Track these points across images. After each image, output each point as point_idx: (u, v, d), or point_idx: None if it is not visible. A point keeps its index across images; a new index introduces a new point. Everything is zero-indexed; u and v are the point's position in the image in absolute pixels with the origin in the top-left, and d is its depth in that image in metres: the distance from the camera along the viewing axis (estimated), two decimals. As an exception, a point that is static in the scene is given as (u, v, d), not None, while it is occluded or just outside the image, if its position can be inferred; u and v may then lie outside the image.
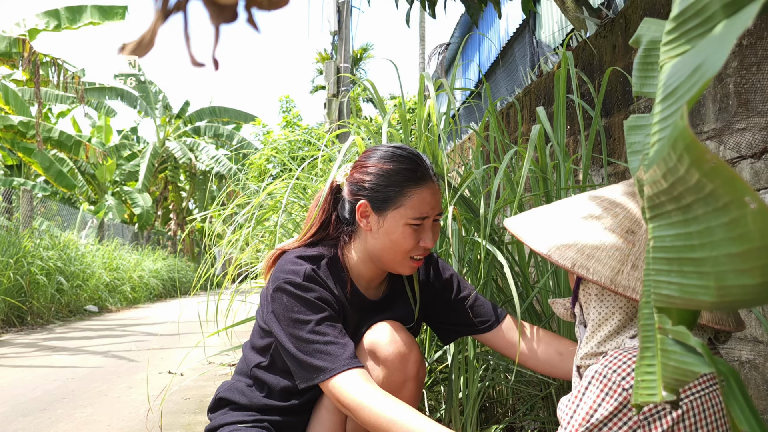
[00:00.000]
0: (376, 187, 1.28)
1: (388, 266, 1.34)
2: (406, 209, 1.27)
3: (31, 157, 11.90)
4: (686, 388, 0.85)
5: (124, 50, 0.44)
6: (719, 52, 0.32)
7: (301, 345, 1.22)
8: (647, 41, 0.65)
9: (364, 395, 1.13)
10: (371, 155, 1.33)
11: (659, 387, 0.48)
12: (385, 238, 1.29)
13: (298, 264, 1.30)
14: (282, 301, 1.26)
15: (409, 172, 1.28)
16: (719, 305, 0.37)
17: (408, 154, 1.31)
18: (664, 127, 0.45)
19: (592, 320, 0.98)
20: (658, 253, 0.45)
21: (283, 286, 1.27)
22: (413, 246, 1.29)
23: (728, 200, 0.30)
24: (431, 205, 1.29)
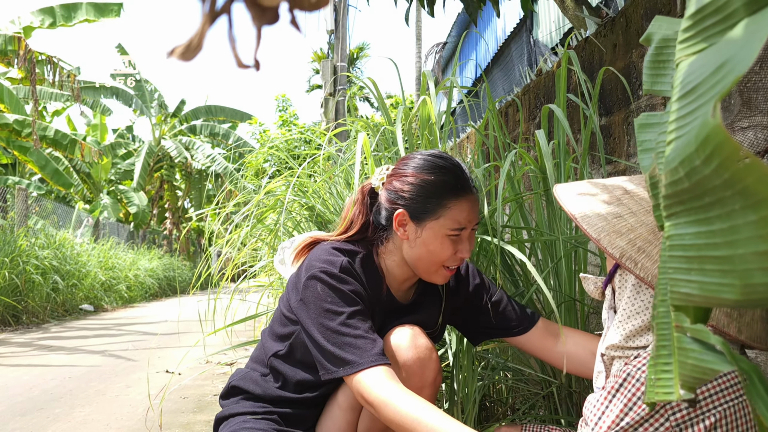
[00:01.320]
0: (416, 198, 1.28)
1: (422, 274, 1.34)
2: (445, 220, 1.27)
3: (26, 155, 11.84)
4: (720, 397, 0.84)
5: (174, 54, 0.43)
6: (748, 48, 0.32)
7: (331, 336, 1.20)
8: (659, 39, 0.65)
9: (390, 393, 1.11)
10: (410, 163, 1.32)
11: (676, 385, 0.48)
12: (423, 248, 1.29)
13: (335, 255, 1.29)
14: (315, 290, 1.24)
15: (450, 184, 1.28)
16: (743, 303, 0.37)
17: (449, 164, 1.30)
18: (683, 124, 0.45)
19: (623, 309, 0.97)
20: (677, 251, 0.45)
21: (319, 274, 1.25)
22: (450, 256, 1.29)
23: (761, 198, 0.30)
24: (469, 217, 1.28)
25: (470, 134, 4.48)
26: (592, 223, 0.95)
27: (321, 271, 1.25)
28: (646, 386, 0.53)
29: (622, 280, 0.99)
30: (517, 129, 3.30)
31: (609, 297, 1.03)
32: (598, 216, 0.95)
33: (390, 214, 1.31)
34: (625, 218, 0.94)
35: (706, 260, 0.40)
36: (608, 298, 1.03)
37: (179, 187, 19.99)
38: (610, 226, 0.93)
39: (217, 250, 3.02)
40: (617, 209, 0.96)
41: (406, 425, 1.07)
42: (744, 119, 1.31)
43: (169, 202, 19.51)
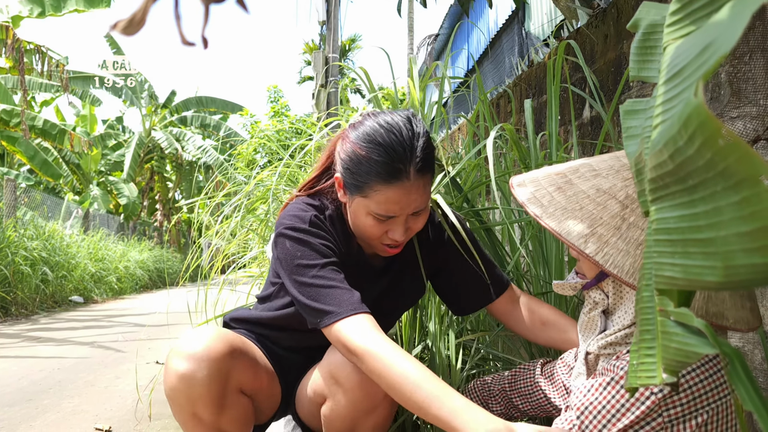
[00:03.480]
0: (347, 169, 1.18)
1: (363, 242, 1.29)
2: (370, 202, 1.16)
3: (14, 146, 11.73)
4: (714, 394, 0.84)
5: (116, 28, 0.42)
6: (732, 28, 0.32)
7: (305, 290, 1.14)
8: (646, 25, 0.65)
9: (374, 343, 1.02)
10: (358, 126, 1.20)
11: (659, 369, 0.48)
12: (354, 218, 1.23)
13: (303, 210, 1.24)
14: (285, 247, 1.19)
15: (380, 166, 1.13)
16: (726, 285, 0.37)
17: (390, 141, 1.13)
18: (669, 108, 0.45)
19: (632, 315, 0.94)
20: (661, 234, 0.45)
21: (286, 231, 1.20)
22: (379, 235, 1.21)
23: (741, 178, 0.30)
24: (400, 206, 1.15)
25: (462, 125, 4.48)
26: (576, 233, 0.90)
27: (287, 228, 1.20)
28: (627, 371, 0.53)
29: (618, 286, 0.96)
30: (508, 120, 3.30)
31: (599, 300, 1.00)
32: (579, 221, 0.91)
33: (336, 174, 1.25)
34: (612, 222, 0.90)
35: (689, 243, 0.40)
36: (597, 301, 1.00)
37: (170, 179, 19.88)
38: (599, 232, 0.89)
39: (207, 241, 3.01)
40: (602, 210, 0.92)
41: (391, 379, 0.98)
42: (733, 109, 1.32)
43: (159, 194, 19.41)
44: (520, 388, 1.31)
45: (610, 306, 0.99)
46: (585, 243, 0.87)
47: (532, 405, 1.29)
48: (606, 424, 0.85)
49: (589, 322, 1.03)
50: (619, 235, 0.87)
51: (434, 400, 0.93)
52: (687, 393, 0.83)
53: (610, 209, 0.89)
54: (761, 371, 1.32)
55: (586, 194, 0.92)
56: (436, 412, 0.92)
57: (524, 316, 1.38)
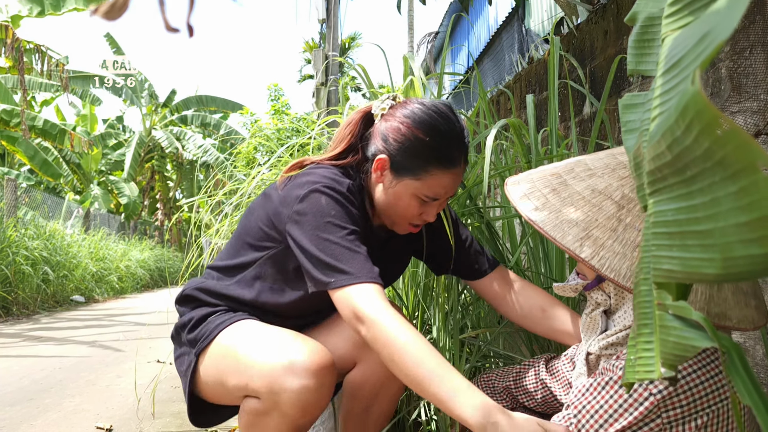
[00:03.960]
0: (402, 151, 1.20)
1: (386, 220, 1.30)
2: (422, 184, 1.20)
3: (15, 145, 11.73)
4: (714, 396, 0.83)
5: (97, 12, 0.42)
6: (730, 16, 0.31)
7: (328, 246, 1.11)
8: (644, 18, 0.65)
9: (384, 312, 1.02)
10: (412, 110, 1.22)
11: (657, 363, 0.48)
12: (393, 198, 1.23)
13: (339, 176, 1.22)
14: (319, 202, 1.15)
15: (441, 151, 1.19)
16: (724, 277, 0.36)
17: (450, 129, 1.21)
18: (666, 99, 0.44)
19: (627, 313, 0.93)
20: (659, 227, 0.44)
21: (324, 189, 1.16)
22: (415, 216, 1.24)
23: (739, 167, 0.30)
24: (447, 189, 1.23)
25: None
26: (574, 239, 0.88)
27: (327, 187, 1.17)
28: (624, 367, 0.53)
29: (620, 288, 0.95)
30: (508, 117, 3.29)
31: (601, 301, 0.98)
32: (578, 226, 0.90)
33: (375, 153, 1.25)
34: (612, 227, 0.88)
35: (687, 235, 0.39)
36: (599, 302, 0.99)
37: (170, 178, 19.88)
38: (599, 238, 0.88)
39: (207, 240, 3.00)
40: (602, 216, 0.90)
41: (394, 351, 0.97)
42: (734, 104, 1.31)
43: (160, 193, 19.41)
44: (525, 386, 1.29)
45: (612, 306, 0.98)
46: (580, 247, 0.86)
47: (538, 402, 1.28)
48: (603, 424, 0.84)
49: (590, 322, 1.02)
50: (615, 237, 0.86)
51: (434, 378, 0.93)
52: (687, 395, 0.82)
53: (606, 210, 0.88)
54: (762, 367, 1.32)
55: (581, 195, 0.91)
56: (435, 390, 0.92)
57: (520, 301, 1.38)
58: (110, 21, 0.44)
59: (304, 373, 1.07)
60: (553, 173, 0.97)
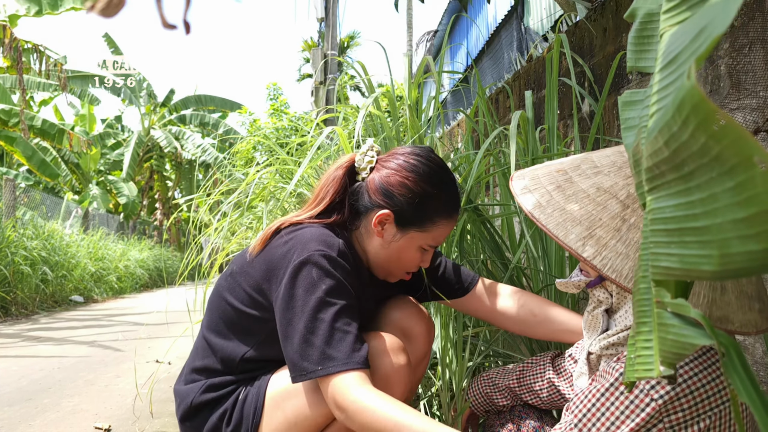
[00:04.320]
0: (410, 205, 1.20)
1: (380, 271, 1.29)
2: (427, 235, 1.22)
3: (13, 145, 11.71)
4: (716, 398, 0.82)
5: (93, 9, 0.42)
6: (725, 11, 0.31)
7: (319, 329, 1.06)
8: (643, 14, 0.64)
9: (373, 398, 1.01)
10: (410, 163, 1.22)
11: (656, 362, 0.48)
12: (395, 252, 1.24)
13: (329, 236, 1.17)
14: (310, 276, 1.10)
15: (447, 204, 1.23)
16: (721, 274, 0.36)
17: (451, 179, 1.25)
18: (664, 95, 0.44)
19: (628, 312, 0.92)
20: (658, 225, 0.44)
21: (317, 258, 1.11)
22: (414, 265, 1.27)
23: (735, 162, 0.29)
24: (447, 235, 1.26)
25: (461, 121, 4.47)
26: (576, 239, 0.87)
27: (319, 253, 1.12)
28: (625, 365, 0.52)
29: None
30: (507, 115, 3.29)
31: (603, 300, 0.97)
32: (579, 224, 0.88)
33: (373, 207, 1.22)
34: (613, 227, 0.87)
35: (686, 232, 0.39)
36: (601, 300, 0.98)
37: (169, 178, 19.87)
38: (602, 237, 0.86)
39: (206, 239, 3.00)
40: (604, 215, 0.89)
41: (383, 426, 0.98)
42: (733, 101, 1.31)
43: (159, 193, 19.40)
44: (530, 385, 1.29)
45: (613, 305, 0.97)
46: (583, 246, 0.85)
47: (543, 400, 1.28)
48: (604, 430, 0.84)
49: (592, 321, 1.01)
50: (618, 237, 0.85)
51: None
52: (689, 398, 0.81)
53: (611, 209, 0.87)
54: (762, 365, 1.32)
55: (586, 193, 0.90)
56: None
57: (510, 310, 1.38)
58: (107, 18, 0.43)
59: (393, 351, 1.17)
60: (559, 169, 0.96)
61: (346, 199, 1.26)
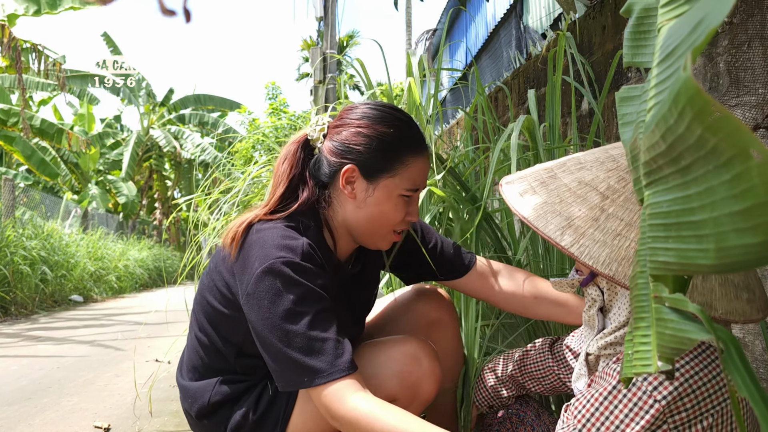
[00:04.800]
0: (371, 151, 1.14)
1: (367, 238, 1.21)
2: (401, 179, 1.15)
3: (12, 145, 11.71)
4: (718, 396, 0.82)
5: None
6: (722, 2, 0.31)
7: (294, 340, 1.02)
8: (640, 9, 0.64)
9: (369, 405, 0.99)
10: (363, 114, 1.17)
11: (654, 357, 0.48)
12: (374, 208, 1.16)
13: (292, 237, 1.10)
14: (275, 286, 1.04)
15: (410, 139, 1.17)
16: (719, 268, 0.36)
17: (407, 117, 1.19)
18: (661, 90, 0.44)
19: (627, 311, 0.92)
20: (655, 219, 0.44)
21: (279, 267, 1.05)
22: (401, 219, 1.18)
23: (731, 155, 0.29)
24: (423, 177, 1.19)
25: (460, 119, 4.47)
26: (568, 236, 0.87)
27: (282, 262, 1.05)
28: (623, 362, 0.52)
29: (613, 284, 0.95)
30: (506, 114, 3.29)
31: (596, 297, 0.98)
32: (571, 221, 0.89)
33: (335, 169, 1.16)
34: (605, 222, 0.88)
35: (683, 226, 0.39)
36: (593, 298, 0.98)
37: (168, 177, 19.86)
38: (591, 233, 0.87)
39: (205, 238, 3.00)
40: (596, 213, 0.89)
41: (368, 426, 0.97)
42: (732, 98, 1.31)
43: (158, 192, 19.40)
44: (531, 372, 1.30)
45: (605, 303, 0.97)
46: (561, 235, 0.86)
47: (545, 387, 1.29)
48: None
49: (589, 321, 1.01)
50: (596, 226, 0.86)
51: None
52: (691, 397, 0.81)
53: (590, 201, 0.88)
54: (762, 362, 1.32)
55: (568, 187, 0.92)
56: None
57: (510, 287, 1.36)
58: (104, 5, 0.43)
59: (427, 357, 1.16)
60: (546, 168, 0.98)
61: (308, 176, 1.19)
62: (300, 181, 1.19)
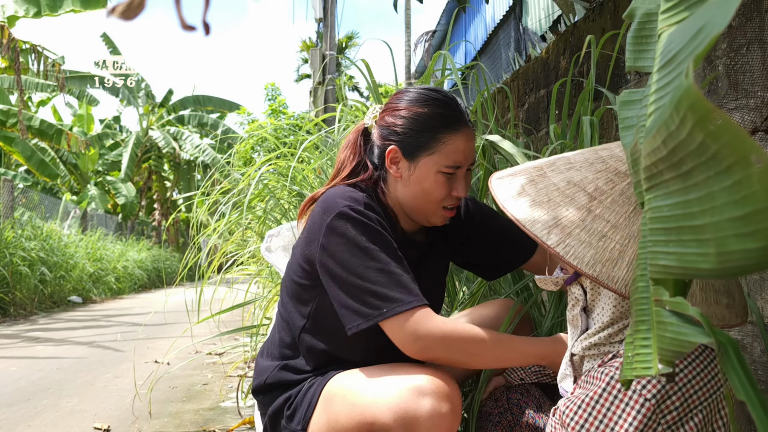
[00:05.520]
0: (409, 132, 1.21)
1: (420, 216, 1.26)
2: (440, 156, 1.19)
3: (11, 146, 11.70)
4: (704, 391, 0.83)
5: (114, 12, 0.42)
6: (724, 10, 0.31)
7: (370, 274, 1.09)
8: (642, 14, 0.65)
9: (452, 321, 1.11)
10: (403, 97, 1.25)
11: (655, 360, 0.48)
12: (417, 185, 1.22)
13: (353, 191, 1.20)
14: (346, 229, 1.13)
15: (444, 117, 1.20)
16: (719, 272, 0.36)
17: (443, 97, 1.23)
18: (662, 95, 0.44)
19: (611, 312, 0.92)
20: (656, 223, 0.44)
21: (346, 211, 1.14)
22: (446, 195, 1.22)
23: (733, 161, 0.29)
24: (465, 154, 1.21)
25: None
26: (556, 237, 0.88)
27: (347, 207, 1.15)
28: (622, 365, 0.52)
29: (596, 284, 0.96)
30: (507, 115, 3.29)
31: (579, 297, 0.98)
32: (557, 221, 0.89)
33: (382, 151, 1.25)
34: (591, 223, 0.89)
35: (683, 230, 0.39)
36: (576, 297, 0.99)
37: (167, 178, 19.85)
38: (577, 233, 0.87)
39: (204, 240, 3.00)
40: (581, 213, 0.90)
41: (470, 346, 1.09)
42: (731, 101, 1.32)
43: (157, 193, 19.38)
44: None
45: (588, 303, 0.98)
46: (548, 234, 0.87)
47: (527, 373, 1.31)
48: None
49: (573, 320, 1.02)
50: (583, 226, 0.87)
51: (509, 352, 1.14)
52: (678, 395, 0.82)
53: (577, 201, 0.90)
54: (760, 364, 1.32)
55: (557, 186, 0.93)
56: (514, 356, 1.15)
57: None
58: (127, 20, 0.44)
59: (435, 395, 1.04)
60: (536, 166, 0.99)
61: (367, 161, 1.29)
62: (361, 166, 1.29)
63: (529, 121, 2.92)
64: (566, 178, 0.93)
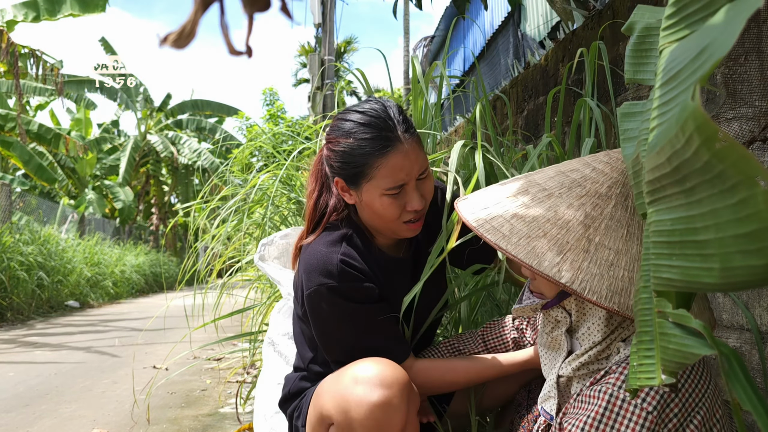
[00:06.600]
0: (342, 164, 1.21)
1: (387, 233, 1.26)
2: (378, 180, 1.17)
3: (9, 150, 11.69)
4: (698, 393, 0.84)
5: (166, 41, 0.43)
6: (728, 32, 0.32)
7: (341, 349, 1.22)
8: (641, 28, 0.66)
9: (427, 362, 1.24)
10: (335, 127, 1.23)
11: (658, 371, 0.49)
12: (369, 209, 1.22)
13: (329, 259, 1.20)
14: (320, 309, 1.20)
15: (372, 142, 1.17)
16: (723, 287, 0.37)
17: (369, 119, 1.18)
18: (665, 111, 0.45)
19: (601, 331, 0.92)
20: (659, 237, 0.45)
21: (320, 290, 1.18)
22: (399, 213, 1.20)
23: (737, 180, 0.30)
24: (405, 170, 1.17)
25: (459, 126, 4.49)
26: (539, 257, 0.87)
27: (320, 286, 1.18)
28: (627, 374, 0.53)
29: (581, 303, 0.95)
30: (505, 122, 3.31)
31: (561, 319, 0.98)
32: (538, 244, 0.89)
33: (332, 181, 1.27)
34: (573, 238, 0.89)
35: (687, 245, 0.40)
36: (557, 319, 0.99)
37: (165, 183, 19.83)
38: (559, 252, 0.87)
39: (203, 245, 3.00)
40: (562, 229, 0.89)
41: (444, 378, 1.23)
42: (729, 111, 1.33)
43: (155, 198, 19.36)
44: (496, 347, 1.35)
45: (573, 324, 0.97)
46: (559, 272, 0.85)
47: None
48: None
49: (552, 342, 1.01)
50: (589, 258, 0.86)
51: (484, 371, 1.24)
52: (677, 402, 0.82)
53: (574, 231, 0.88)
54: (758, 372, 1.33)
55: (546, 218, 0.90)
56: (490, 375, 1.24)
57: None
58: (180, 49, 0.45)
59: (369, 383, 1.06)
60: (509, 196, 0.96)
61: (331, 185, 1.30)
62: (327, 190, 1.31)
63: (528, 128, 2.94)
64: (551, 207, 0.91)
